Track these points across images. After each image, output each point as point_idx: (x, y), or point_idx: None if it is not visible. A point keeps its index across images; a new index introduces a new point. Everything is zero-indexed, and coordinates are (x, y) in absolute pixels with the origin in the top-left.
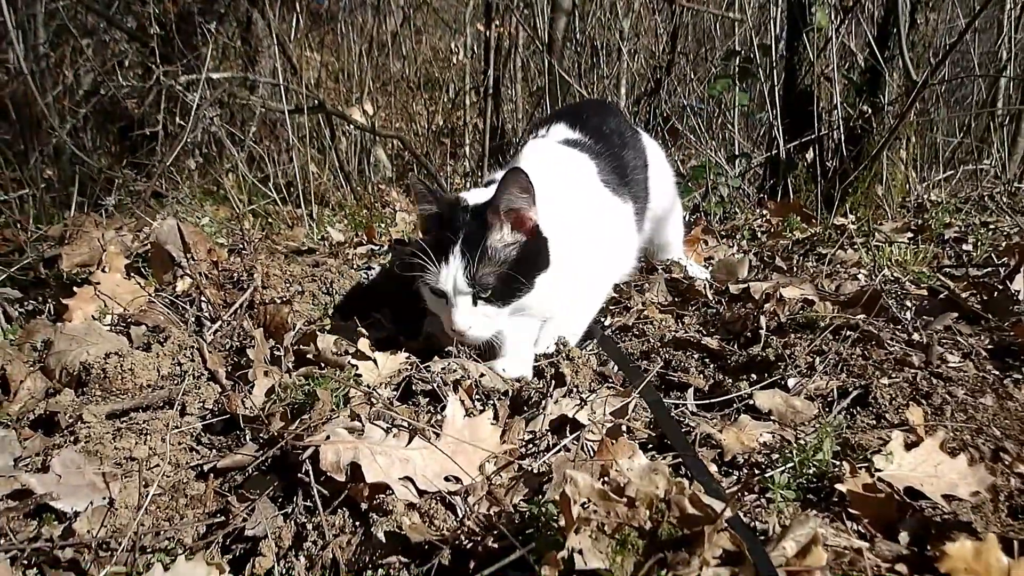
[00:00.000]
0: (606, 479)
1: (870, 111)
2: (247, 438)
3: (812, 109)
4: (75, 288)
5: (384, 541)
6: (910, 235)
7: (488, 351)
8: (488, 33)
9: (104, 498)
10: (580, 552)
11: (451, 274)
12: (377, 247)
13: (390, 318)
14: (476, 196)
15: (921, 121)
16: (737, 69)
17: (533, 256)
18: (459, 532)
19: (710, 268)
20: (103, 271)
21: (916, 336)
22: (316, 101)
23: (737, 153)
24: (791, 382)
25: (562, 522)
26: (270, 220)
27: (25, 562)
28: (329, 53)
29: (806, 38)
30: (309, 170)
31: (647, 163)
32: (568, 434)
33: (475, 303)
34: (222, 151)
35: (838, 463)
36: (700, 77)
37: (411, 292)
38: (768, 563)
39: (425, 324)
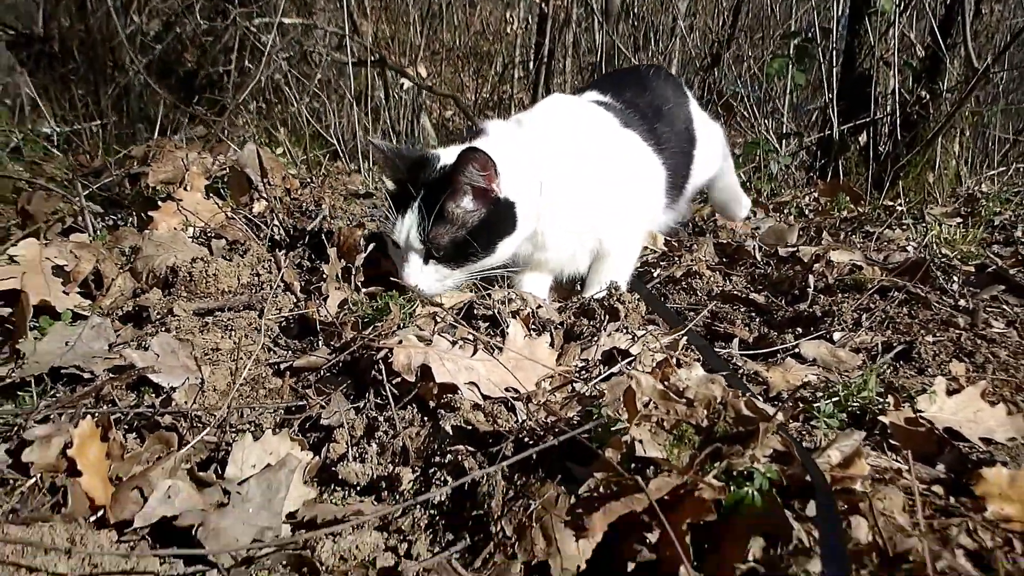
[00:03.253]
0: (667, 382)
1: (928, 97)
2: (320, 343)
3: (869, 92)
4: (159, 203)
5: (451, 433)
6: (959, 220)
7: None
8: (543, 5)
9: (196, 378)
10: (640, 442)
11: (406, 228)
12: None
13: None
14: (449, 155)
15: (975, 117)
16: (795, 50)
17: (494, 223)
18: (522, 430)
19: (758, 237)
20: (185, 189)
21: (962, 303)
22: (377, 55)
23: (784, 133)
24: (836, 336)
25: (618, 426)
26: (327, 169)
27: (126, 426)
28: (384, 20)
29: (868, 22)
30: (365, 126)
31: (693, 138)
32: (618, 368)
33: (427, 261)
34: (282, 99)
35: (882, 399)
36: (756, 56)
37: None
38: (813, 464)
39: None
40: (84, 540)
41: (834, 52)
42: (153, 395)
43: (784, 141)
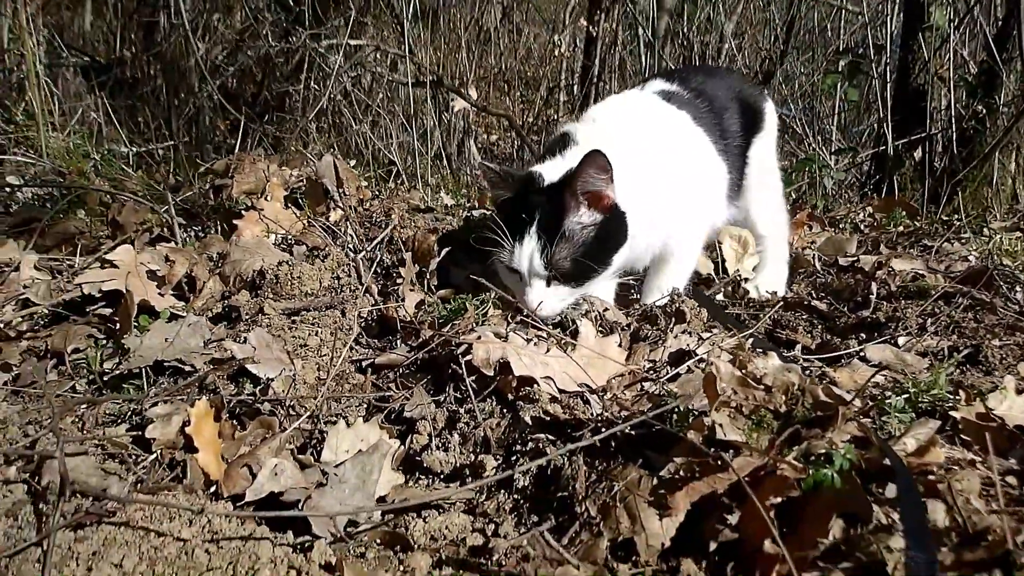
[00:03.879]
0: (744, 370)
1: (984, 112)
2: (398, 342)
3: (923, 108)
4: (242, 212)
5: (531, 423)
6: (1019, 233)
7: None
8: (591, 28)
9: (289, 371)
10: (720, 426)
11: (526, 255)
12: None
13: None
14: (551, 170)
15: None
16: (847, 66)
17: (611, 235)
18: (599, 419)
19: (816, 245)
20: (266, 199)
21: None
22: (435, 76)
23: (837, 149)
24: (901, 340)
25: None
26: (390, 186)
27: (227, 413)
28: (431, 44)
29: (922, 37)
30: (417, 147)
31: (763, 129)
32: (686, 367)
33: (549, 284)
34: (341, 120)
35: (952, 395)
36: (807, 74)
37: None
38: (890, 448)
39: (451, 276)
40: (205, 510)
41: (887, 68)
42: (251, 385)
43: (838, 157)
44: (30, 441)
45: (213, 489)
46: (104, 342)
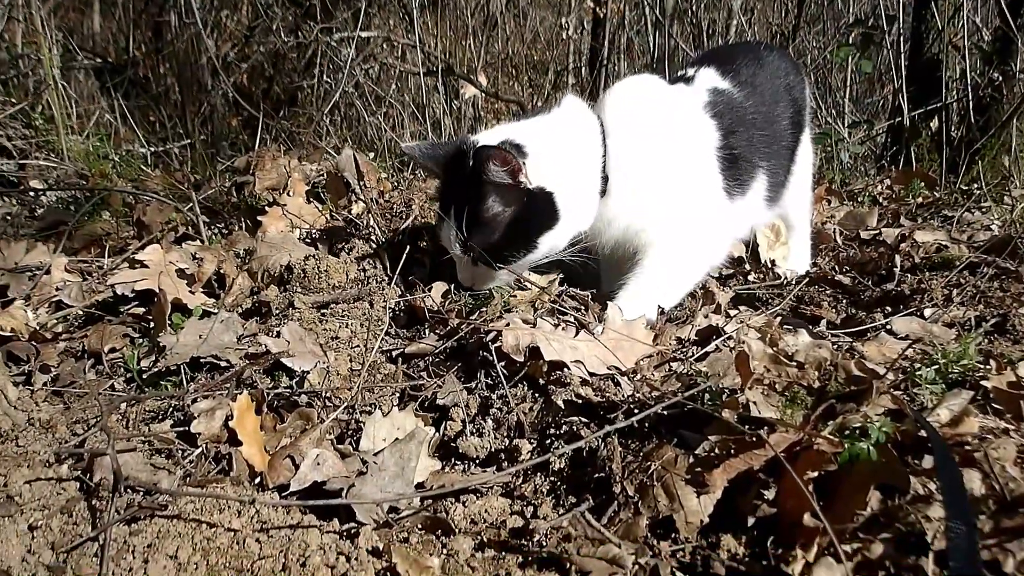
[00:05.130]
0: (775, 347)
1: (1000, 79)
2: (426, 331)
3: (938, 77)
4: (266, 208)
5: (563, 407)
6: None
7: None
8: (597, 9)
9: (323, 363)
10: (754, 403)
11: (448, 236)
12: None
13: None
14: (488, 138)
15: None
16: (860, 37)
17: (532, 218)
18: (632, 401)
19: (835, 219)
20: (288, 195)
21: None
22: (445, 65)
23: (853, 122)
24: (927, 312)
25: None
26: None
27: (266, 406)
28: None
29: (935, 5)
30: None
31: (802, 124)
32: (713, 347)
33: (475, 263)
34: (354, 112)
35: (983, 364)
36: (819, 47)
37: None
38: (925, 420)
39: None
40: (256, 500)
41: (900, 38)
42: (287, 378)
43: (852, 131)
44: (79, 439)
45: (258, 480)
46: (140, 341)
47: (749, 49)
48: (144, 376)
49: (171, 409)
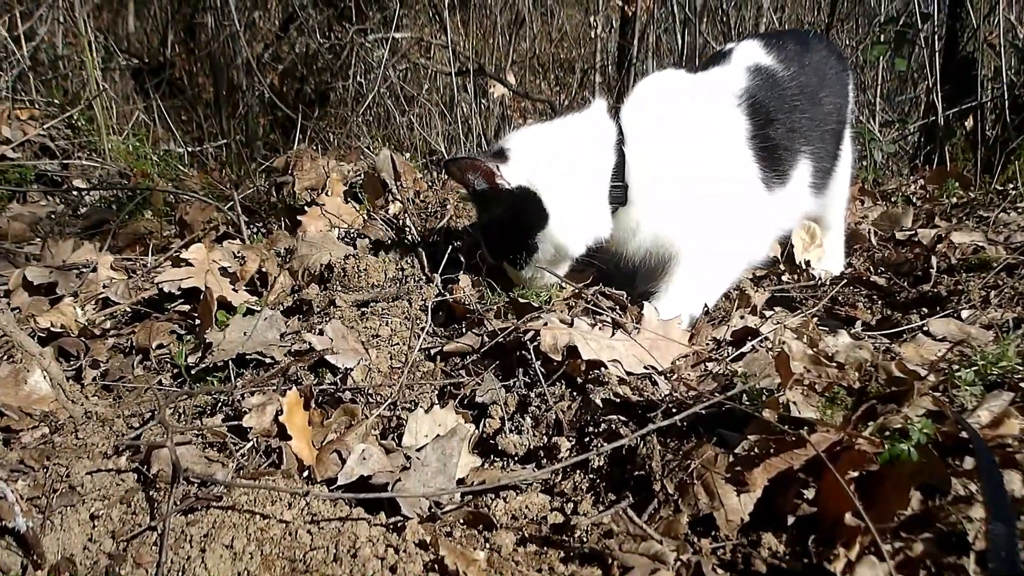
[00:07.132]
0: (815, 348)
1: None
2: (464, 329)
3: (973, 75)
4: (305, 208)
5: (601, 406)
6: None
7: None
8: (626, 7)
9: (366, 361)
10: (795, 404)
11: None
12: None
13: None
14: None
15: None
16: (895, 35)
17: (520, 216)
18: (670, 400)
19: (870, 219)
20: (327, 195)
21: None
22: (477, 64)
23: (886, 121)
24: (964, 313)
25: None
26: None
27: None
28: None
29: (969, 3)
30: (461, 136)
31: (845, 118)
32: (750, 347)
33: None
34: (385, 111)
35: (1022, 366)
36: (852, 45)
37: None
38: (966, 422)
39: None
40: (308, 493)
41: (934, 36)
42: (330, 375)
43: (884, 130)
44: (136, 432)
45: (306, 474)
46: (186, 337)
47: (798, 33)
48: (192, 372)
49: (220, 404)
